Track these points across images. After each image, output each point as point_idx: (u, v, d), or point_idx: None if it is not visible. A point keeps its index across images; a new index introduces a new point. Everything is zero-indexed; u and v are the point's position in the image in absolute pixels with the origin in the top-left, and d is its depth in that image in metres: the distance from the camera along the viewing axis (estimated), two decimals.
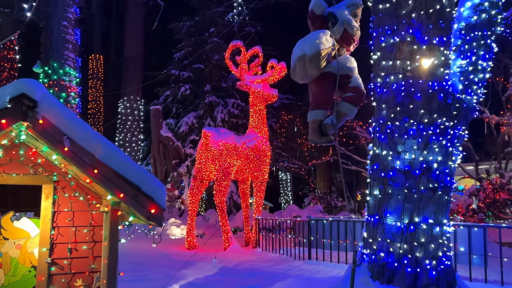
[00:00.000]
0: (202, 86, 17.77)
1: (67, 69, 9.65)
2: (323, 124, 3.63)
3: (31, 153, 3.39)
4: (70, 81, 9.70)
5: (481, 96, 4.78)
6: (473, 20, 4.74)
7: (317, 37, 3.64)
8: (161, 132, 15.64)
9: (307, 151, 22.46)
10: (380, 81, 4.48)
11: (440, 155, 4.35)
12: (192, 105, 18.27)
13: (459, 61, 4.73)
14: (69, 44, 9.78)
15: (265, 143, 11.12)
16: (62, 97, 9.52)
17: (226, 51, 11.90)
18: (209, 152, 10.13)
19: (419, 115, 4.30)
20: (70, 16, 9.88)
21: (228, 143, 10.18)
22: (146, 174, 3.21)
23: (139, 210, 3.14)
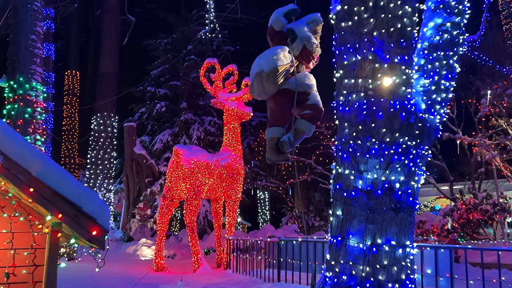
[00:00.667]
0: (178, 104, 17.62)
1: (34, 83, 9.37)
2: (280, 142, 3.52)
3: None
4: (36, 96, 9.42)
5: (444, 116, 4.76)
6: (436, 40, 4.76)
7: (275, 53, 3.56)
8: (135, 149, 15.36)
9: (285, 170, 22.39)
10: (343, 99, 4.41)
11: (403, 175, 4.27)
12: (168, 123, 18.06)
13: (422, 80, 4.71)
14: (37, 58, 9.53)
15: (238, 161, 10.98)
16: (28, 112, 9.22)
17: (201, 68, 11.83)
18: (180, 170, 9.93)
19: (381, 134, 4.23)
20: (39, 30, 9.65)
21: (199, 161, 10.01)
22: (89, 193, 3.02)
23: (79, 231, 2.94)
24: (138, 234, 14.56)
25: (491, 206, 15.49)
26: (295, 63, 3.69)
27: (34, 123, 9.32)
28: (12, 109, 9.22)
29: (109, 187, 16.28)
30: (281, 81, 3.52)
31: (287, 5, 3.86)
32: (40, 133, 9.45)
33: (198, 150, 10.39)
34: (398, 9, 4.19)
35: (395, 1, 4.18)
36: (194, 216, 9.80)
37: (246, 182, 21.54)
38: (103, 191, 15.92)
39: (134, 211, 14.67)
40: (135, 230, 14.51)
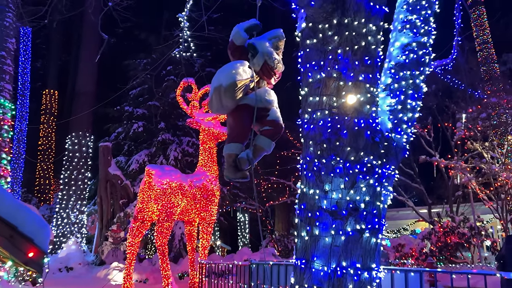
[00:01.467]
0: (156, 124, 17.42)
1: (2, 100, 9.11)
2: (238, 159, 3.39)
3: None
4: (4, 113, 9.14)
5: (411, 135, 4.71)
6: (402, 59, 4.74)
7: (234, 68, 3.47)
8: (110, 170, 15.02)
9: (264, 192, 22.20)
10: (307, 117, 4.32)
11: (368, 195, 4.16)
12: (146, 143, 17.81)
13: (388, 99, 4.67)
14: (6, 75, 9.30)
15: (214, 182, 10.78)
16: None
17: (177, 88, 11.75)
18: (151, 191, 9.68)
19: (346, 152, 4.13)
20: (9, 47, 9.45)
21: (172, 182, 9.79)
22: (27, 211, 2.81)
23: (15, 253, 2.72)
24: (111, 257, 14.09)
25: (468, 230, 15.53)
26: (255, 78, 3.59)
27: (0, 141, 9.01)
28: None
29: (82, 208, 15.82)
30: (239, 96, 3.42)
31: (249, 20, 3.80)
32: (6, 152, 9.13)
33: (171, 171, 10.17)
34: (362, 27, 4.16)
35: (359, 19, 4.16)
36: (165, 239, 9.51)
37: (225, 204, 21.25)
38: (75, 213, 15.46)
39: (107, 234, 14.24)
40: (107, 254, 14.04)
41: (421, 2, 4.88)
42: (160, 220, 9.45)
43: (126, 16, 9.18)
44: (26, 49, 17.13)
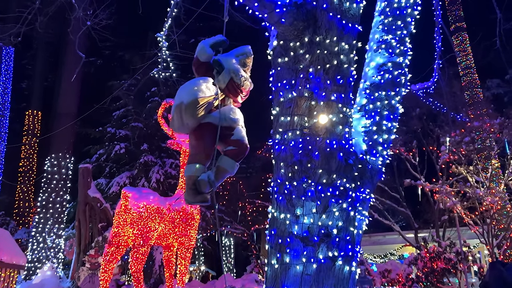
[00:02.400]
0: (139, 146, 17.14)
1: None
2: (197, 181, 3.16)
3: None
4: None
5: (387, 157, 4.55)
6: (377, 80, 4.62)
7: (196, 84, 3.29)
8: (89, 192, 14.61)
9: (250, 215, 21.81)
10: (279, 138, 4.15)
11: (341, 220, 3.94)
12: (128, 165, 17.48)
13: (363, 120, 4.52)
14: None
15: (194, 206, 10.46)
16: None
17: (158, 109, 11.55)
18: (128, 214, 9.34)
19: (318, 175, 3.94)
20: None
21: (149, 205, 9.47)
22: None
23: None
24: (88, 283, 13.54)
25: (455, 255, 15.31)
26: (220, 95, 3.42)
27: None
28: None
29: (60, 232, 15.30)
30: (201, 114, 3.23)
31: (215, 36, 3.65)
32: None
33: (149, 193, 9.86)
34: (334, 46, 4.04)
35: (331, 38, 4.03)
36: (140, 265, 9.13)
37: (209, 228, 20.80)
38: (52, 237, 14.93)
39: (84, 259, 13.73)
40: (84, 280, 13.50)
41: (397, 22, 4.80)
42: (136, 245, 9.10)
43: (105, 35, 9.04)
44: (8, 69, 16.90)
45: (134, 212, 9.27)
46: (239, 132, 3.32)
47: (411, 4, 4.88)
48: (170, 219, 9.83)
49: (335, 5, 4.04)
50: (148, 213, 9.37)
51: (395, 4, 4.85)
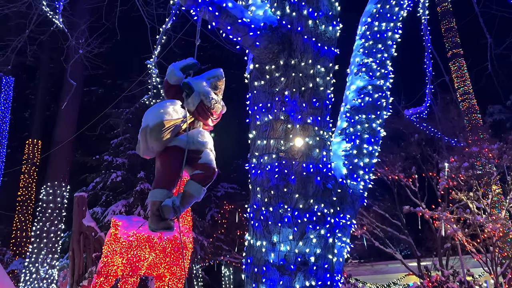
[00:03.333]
0: (136, 173, 17.06)
1: None
2: (161, 207, 3.05)
3: None
4: None
5: (369, 182, 4.42)
6: (357, 103, 4.56)
7: (163, 107, 3.22)
8: (83, 221, 14.40)
9: None
10: (255, 162, 4.05)
11: (319, 247, 3.79)
12: (125, 193, 17.34)
13: (344, 144, 4.43)
14: None
15: (186, 234, 10.26)
16: None
17: None
18: (117, 243, 9.16)
19: (294, 200, 3.82)
20: None
21: (139, 233, 9.29)
22: None
23: None
24: None
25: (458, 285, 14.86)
26: (189, 118, 3.34)
27: None
28: None
29: (54, 262, 15.03)
30: (167, 137, 3.14)
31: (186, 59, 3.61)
32: None
33: (139, 221, 9.70)
34: (309, 68, 3.99)
35: (306, 60, 3.99)
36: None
37: (207, 258, 20.42)
38: (45, 267, 14.66)
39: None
40: None
41: (377, 45, 4.77)
42: (125, 275, 8.88)
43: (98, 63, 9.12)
44: (7, 98, 17.06)
45: (124, 241, 9.09)
46: (206, 156, 3.22)
47: (392, 27, 4.87)
48: (161, 248, 9.62)
49: (310, 28, 4.02)
50: (138, 242, 9.19)
51: (376, 27, 4.84)
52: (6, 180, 24.60)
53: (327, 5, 4.17)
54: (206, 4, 3.71)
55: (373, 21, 4.88)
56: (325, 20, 4.12)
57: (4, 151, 16.78)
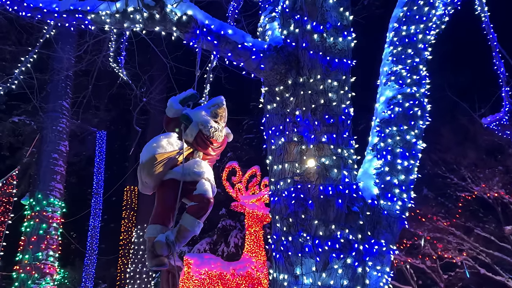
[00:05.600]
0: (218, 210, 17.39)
1: (52, 199, 9.70)
2: (154, 243, 2.97)
3: None
4: (53, 211, 9.67)
5: (409, 201, 3.93)
6: (387, 115, 4.16)
7: (156, 141, 3.20)
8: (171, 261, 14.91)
9: None
10: (273, 188, 3.84)
11: (346, 278, 3.40)
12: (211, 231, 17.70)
13: (375, 161, 4.03)
14: (57, 175, 10.01)
15: (260, 270, 10.06)
16: (43, 228, 9.40)
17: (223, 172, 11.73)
18: (190, 281, 9.25)
19: (314, 227, 3.51)
20: (62, 149, 10.28)
21: (211, 271, 9.30)
22: None
23: None
24: None
25: None
26: (187, 150, 3.27)
27: (48, 238, 9.42)
28: (28, 226, 9.47)
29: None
30: (159, 170, 3.09)
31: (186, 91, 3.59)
32: (53, 249, 9.48)
33: (211, 259, 9.74)
34: (319, 84, 3.74)
35: (314, 76, 3.75)
36: None
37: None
38: None
39: None
40: None
41: (406, 51, 4.37)
42: None
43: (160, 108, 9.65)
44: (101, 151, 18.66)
45: (196, 279, 9.15)
46: (201, 186, 3.10)
47: (422, 29, 4.44)
48: (234, 285, 9.52)
49: (316, 42, 3.79)
50: (210, 280, 9.19)
51: (404, 32, 4.44)
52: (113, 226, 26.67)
53: (336, 16, 3.92)
54: (205, 34, 3.71)
55: (400, 26, 4.49)
56: (334, 32, 3.87)
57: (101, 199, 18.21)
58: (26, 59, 6.17)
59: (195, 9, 3.75)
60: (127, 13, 3.91)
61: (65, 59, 9.96)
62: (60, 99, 10.67)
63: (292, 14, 3.94)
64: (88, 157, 24.12)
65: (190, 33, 3.71)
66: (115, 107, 20.92)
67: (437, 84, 16.38)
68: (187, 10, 3.70)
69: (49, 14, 4.46)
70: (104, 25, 4.15)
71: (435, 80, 14.41)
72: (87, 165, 24.48)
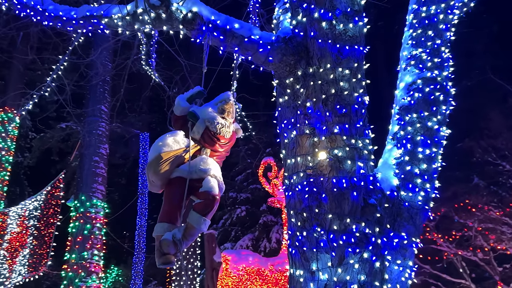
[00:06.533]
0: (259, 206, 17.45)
1: (94, 201, 10.09)
2: (160, 241, 2.97)
3: None
4: (96, 212, 10.06)
5: (432, 191, 3.72)
6: (406, 101, 3.96)
7: (161, 140, 3.21)
8: (214, 258, 15.10)
9: None
10: (287, 183, 3.76)
11: (363, 273, 3.28)
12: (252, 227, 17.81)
13: (395, 151, 3.85)
14: (99, 177, 10.39)
15: None
16: (87, 229, 9.80)
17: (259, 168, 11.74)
18: (229, 278, 9.34)
19: (328, 221, 3.40)
20: (102, 152, 10.66)
21: (249, 267, 9.34)
22: None
23: None
24: None
25: None
26: (194, 147, 3.26)
27: (92, 238, 9.81)
28: (74, 227, 9.91)
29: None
30: (165, 169, 3.10)
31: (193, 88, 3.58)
32: (98, 248, 9.86)
33: (249, 255, 9.78)
34: (330, 73, 3.61)
35: (324, 66, 3.62)
36: None
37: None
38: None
39: None
40: None
41: (427, 32, 4.14)
42: None
43: None
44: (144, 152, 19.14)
45: (234, 275, 9.22)
46: (207, 183, 3.08)
47: (443, 9, 4.17)
48: (273, 281, 9.50)
49: (325, 30, 3.66)
50: (248, 275, 9.23)
51: (423, 13, 4.20)
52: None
53: (346, 1, 3.76)
54: (211, 30, 3.68)
55: (419, 7, 4.25)
56: (344, 18, 3.72)
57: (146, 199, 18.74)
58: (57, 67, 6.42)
59: (201, 5, 3.73)
60: (137, 15, 3.96)
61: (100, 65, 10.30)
62: (99, 103, 11.05)
63: (300, 3, 3.83)
64: (134, 159, 24.93)
65: (196, 30, 3.70)
66: (156, 109, 21.45)
67: (482, 67, 15.40)
68: (192, 7, 3.69)
69: (68, 21, 4.60)
70: (117, 28, 4.22)
71: (481, 63, 13.63)
72: (133, 166, 25.32)
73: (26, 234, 10.88)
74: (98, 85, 11.07)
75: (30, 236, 10.66)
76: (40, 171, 18.67)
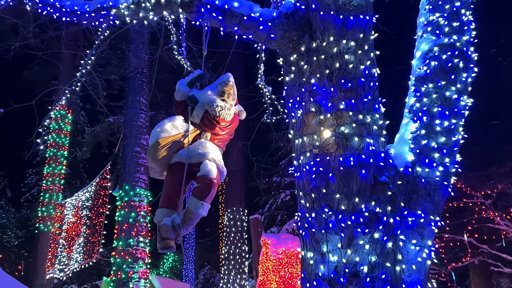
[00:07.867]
0: None
1: (138, 190, 10.43)
2: (159, 226, 2.96)
3: None
4: (140, 201, 10.40)
5: (453, 166, 3.46)
6: (423, 71, 3.70)
7: (160, 125, 3.19)
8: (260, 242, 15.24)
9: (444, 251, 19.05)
10: (296, 164, 3.65)
11: (374, 254, 3.12)
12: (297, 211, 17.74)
13: (411, 124, 3.62)
14: (141, 167, 10.71)
15: None
16: (132, 217, 10.17)
17: None
18: (269, 261, 9.36)
19: (336, 201, 3.26)
20: (143, 142, 10.95)
21: (288, 251, 9.31)
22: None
23: None
24: None
25: None
26: (193, 131, 3.22)
27: (137, 226, 10.17)
28: (120, 215, 10.31)
29: (243, 282, 16.26)
30: (163, 154, 3.08)
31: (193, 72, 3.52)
32: (143, 235, 10.21)
33: (288, 238, 9.74)
34: (333, 47, 3.43)
35: (327, 39, 3.45)
36: None
37: None
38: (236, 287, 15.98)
39: None
40: None
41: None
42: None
43: None
44: None
45: (274, 259, 9.23)
46: (204, 167, 3.03)
47: None
48: None
49: (327, 2, 3.47)
50: (288, 259, 9.20)
51: None
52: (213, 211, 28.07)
53: None
54: (209, 11, 3.61)
55: None
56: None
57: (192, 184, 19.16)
58: (85, 61, 6.60)
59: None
60: (140, 3, 3.96)
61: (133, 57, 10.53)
62: (138, 95, 11.33)
63: None
64: None
65: (195, 12, 3.65)
66: None
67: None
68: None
69: (82, 15, 4.70)
70: (125, 17, 4.25)
71: None
72: None
73: (80, 223, 11.49)
74: (136, 77, 11.34)
75: (84, 225, 11.25)
76: (95, 164, 19.59)
